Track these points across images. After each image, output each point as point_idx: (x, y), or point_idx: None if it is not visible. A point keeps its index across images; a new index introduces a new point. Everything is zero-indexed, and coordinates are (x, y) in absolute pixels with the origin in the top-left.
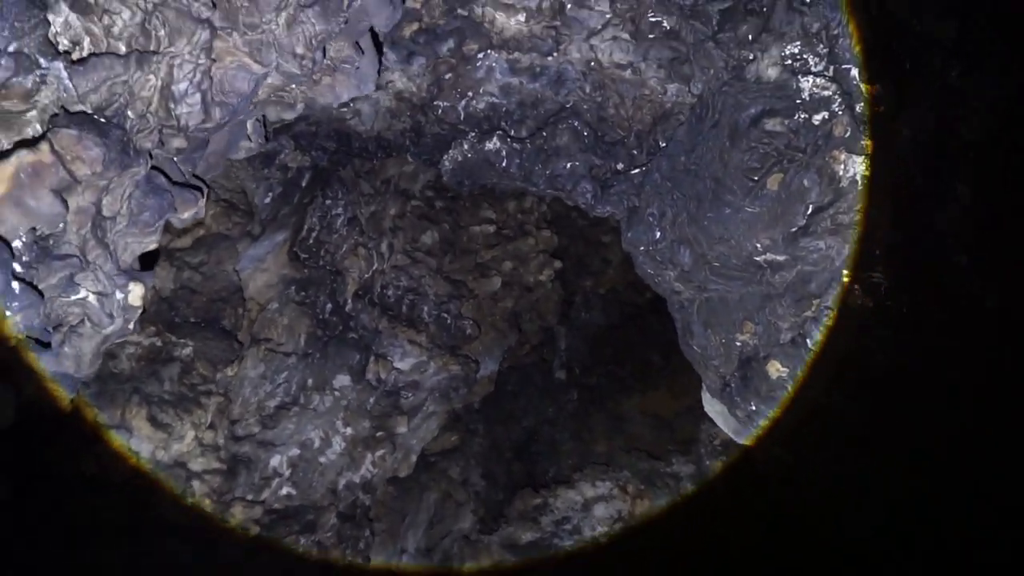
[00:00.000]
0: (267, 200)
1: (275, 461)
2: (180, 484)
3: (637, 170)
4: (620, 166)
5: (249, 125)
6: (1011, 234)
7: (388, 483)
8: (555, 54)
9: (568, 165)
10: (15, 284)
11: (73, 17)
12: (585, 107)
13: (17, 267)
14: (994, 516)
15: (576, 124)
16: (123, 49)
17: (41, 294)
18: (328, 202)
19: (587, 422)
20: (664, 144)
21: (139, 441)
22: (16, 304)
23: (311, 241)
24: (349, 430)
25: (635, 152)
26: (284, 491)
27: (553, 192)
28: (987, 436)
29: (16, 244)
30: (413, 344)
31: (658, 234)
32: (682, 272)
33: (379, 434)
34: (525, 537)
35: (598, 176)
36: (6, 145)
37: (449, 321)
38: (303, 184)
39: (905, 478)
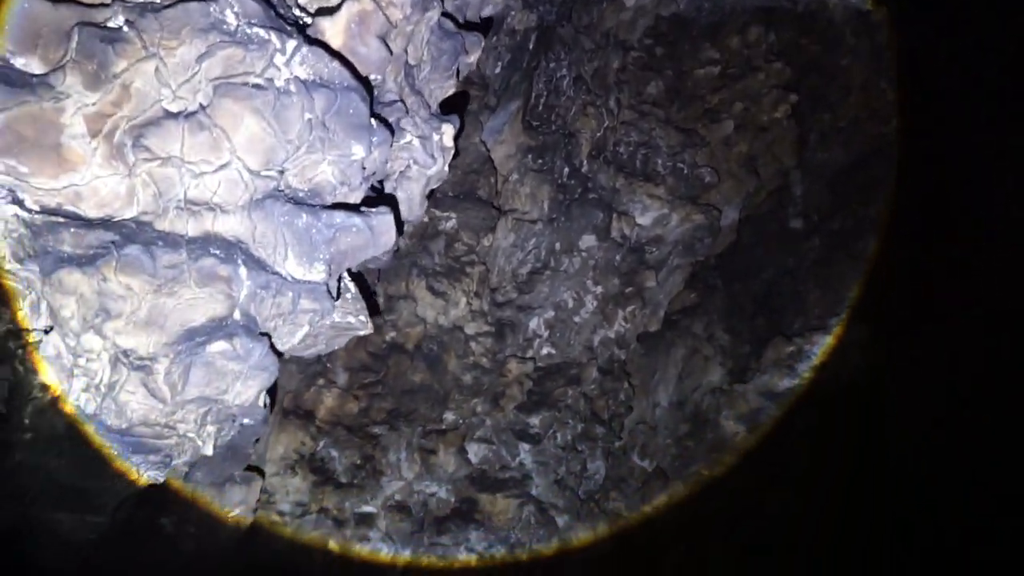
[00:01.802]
0: (498, 70)
1: (534, 323)
2: (461, 345)
3: None
4: None
5: None
6: None
7: (636, 340)
8: None
9: None
10: (373, 121)
11: None
12: None
13: None
14: None
15: None
16: None
17: (392, 129)
18: (552, 65)
19: (834, 269)
20: None
21: (423, 308)
22: (376, 139)
23: (541, 108)
24: (599, 288)
25: None
26: (545, 351)
27: None
28: None
29: None
30: (652, 198)
31: None
32: None
33: (628, 290)
34: (782, 384)
35: None
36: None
37: (685, 171)
38: (530, 47)
39: None
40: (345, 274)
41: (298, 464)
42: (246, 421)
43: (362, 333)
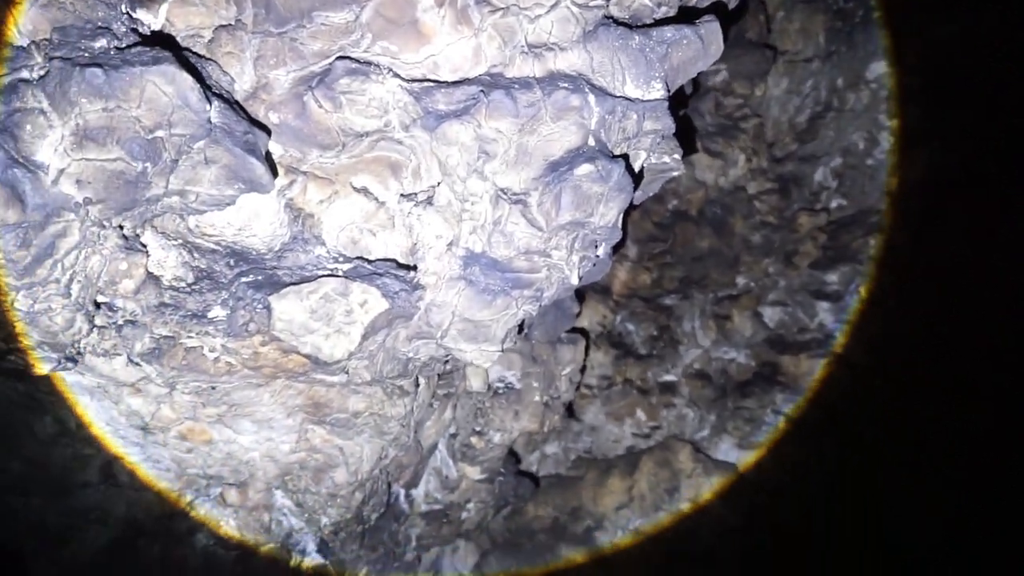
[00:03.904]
0: None
1: (819, 175)
2: (745, 206)
3: None
4: None
5: None
6: None
7: None
8: None
9: None
10: None
11: None
12: None
13: None
14: None
15: None
16: None
17: None
18: None
19: None
20: None
21: (702, 171)
22: None
23: None
24: (896, 122)
25: None
26: (835, 203)
27: None
28: None
29: None
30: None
31: None
32: None
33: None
34: None
35: None
36: None
37: None
38: None
39: None
40: None
41: (599, 339)
42: (600, 253)
43: (675, 174)
